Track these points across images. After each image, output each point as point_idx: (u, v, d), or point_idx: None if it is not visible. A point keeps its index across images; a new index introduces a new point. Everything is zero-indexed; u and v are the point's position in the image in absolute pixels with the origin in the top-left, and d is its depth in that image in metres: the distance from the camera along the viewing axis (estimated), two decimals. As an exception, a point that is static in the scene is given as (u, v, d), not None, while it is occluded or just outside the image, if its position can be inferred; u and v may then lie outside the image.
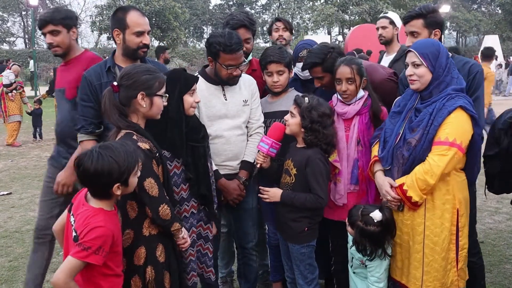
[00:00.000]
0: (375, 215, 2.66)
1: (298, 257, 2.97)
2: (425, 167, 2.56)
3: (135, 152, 2.18)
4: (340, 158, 3.02)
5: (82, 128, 3.02)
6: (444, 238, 2.64)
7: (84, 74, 3.04)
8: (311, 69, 3.22)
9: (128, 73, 2.41)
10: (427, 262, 2.66)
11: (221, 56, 2.97)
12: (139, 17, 2.98)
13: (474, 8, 53.45)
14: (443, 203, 2.64)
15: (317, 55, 3.16)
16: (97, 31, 34.96)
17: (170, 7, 32.50)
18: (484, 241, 4.67)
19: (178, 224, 2.45)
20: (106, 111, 2.37)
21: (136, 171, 2.17)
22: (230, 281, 3.90)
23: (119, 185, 2.12)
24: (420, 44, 2.72)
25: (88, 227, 2.05)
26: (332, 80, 3.08)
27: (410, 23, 3.08)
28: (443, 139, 2.54)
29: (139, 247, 2.36)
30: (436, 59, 2.62)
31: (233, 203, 3.14)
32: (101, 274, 2.12)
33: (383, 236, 2.70)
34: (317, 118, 2.83)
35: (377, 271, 2.78)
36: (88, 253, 2.02)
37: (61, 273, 2.02)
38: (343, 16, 34.20)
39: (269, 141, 2.94)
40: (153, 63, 3.22)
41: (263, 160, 2.98)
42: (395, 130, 2.76)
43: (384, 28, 4.78)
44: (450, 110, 2.55)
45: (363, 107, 2.99)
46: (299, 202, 2.86)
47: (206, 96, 3.06)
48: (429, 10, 3.03)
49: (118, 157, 2.08)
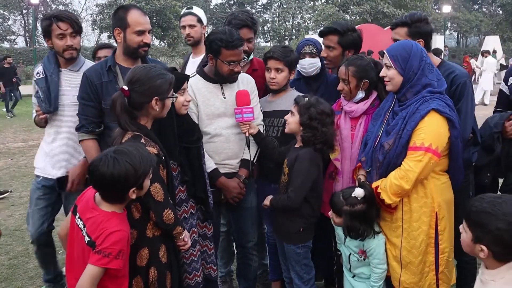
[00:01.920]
0: (358, 192, 2.66)
1: (294, 258, 2.98)
2: (401, 172, 2.57)
3: (149, 156, 2.20)
4: (343, 157, 3.03)
5: (82, 127, 3.04)
6: (421, 241, 2.64)
7: (85, 73, 3.06)
8: (328, 35, 3.30)
9: (141, 79, 2.37)
10: (404, 264, 2.69)
11: (223, 52, 2.97)
12: (140, 16, 2.98)
13: (475, 8, 53.40)
14: (420, 206, 2.64)
15: (341, 26, 3.28)
16: (98, 30, 34.93)
17: (171, 6, 32.48)
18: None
19: (180, 228, 2.47)
20: (117, 115, 2.35)
21: (150, 174, 2.18)
22: (230, 280, 3.91)
23: (135, 189, 2.12)
24: (393, 46, 2.73)
25: (105, 232, 2.05)
26: (339, 57, 3.20)
27: (395, 30, 3.10)
28: (419, 144, 2.53)
29: (142, 248, 2.37)
30: (407, 61, 2.61)
31: (233, 202, 3.14)
32: (110, 276, 2.12)
33: (370, 211, 2.70)
34: (316, 115, 2.83)
35: (377, 251, 2.75)
36: (109, 259, 2.03)
37: (84, 282, 2.03)
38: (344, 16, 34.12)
39: (238, 109, 3.02)
40: (154, 62, 3.22)
41: (246, 128, 3.04)
42: (374, 132, 2.77)
43: (192, 27, 4.01)
44: (423, 114, 2.53)
45: (370, 107, 2.99)
46: (277, 204, 2.93)
47: (204, 95, 3.07)
48: (414, 19, 3.01)
49: (134, 161, 2.08)
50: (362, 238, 2.73)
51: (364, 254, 2.82)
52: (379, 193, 2.63)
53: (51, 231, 3.57)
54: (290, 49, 3.31)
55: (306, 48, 3.37)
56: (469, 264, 3.14)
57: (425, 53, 2.68)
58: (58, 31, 3.17)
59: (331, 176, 3.12)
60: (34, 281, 4.05)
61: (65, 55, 3.23)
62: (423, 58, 2.63)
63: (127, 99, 2.35)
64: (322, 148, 2.87)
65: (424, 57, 2.64)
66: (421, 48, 2.67)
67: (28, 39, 38.65)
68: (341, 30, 3.27)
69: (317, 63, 3.35)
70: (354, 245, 2.83)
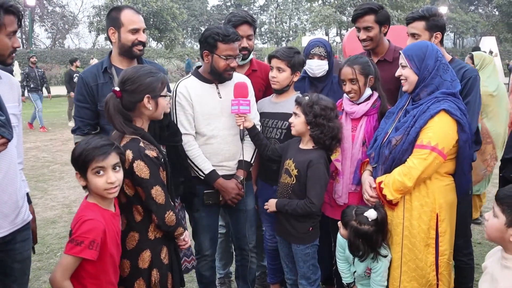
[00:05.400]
0: (370, 214, 2.67)
1: (302, 258, 2.97)
2: (404, 169, 2.58)
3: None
4: (344, 157, 3.02)
5: (78, 130, 3.02)
6: (420, 240, 2.65)
7: (80, 75, 3.07)
8: (364, 16, 3.32)
9: (131, 77, 2.36)
10: (405, 262, 2.68)
11: (219, 46, 2.96)
12: (133, 14, 2.98)
13: (471, 9, 53.65)
14: (422, 205, 2.64)
15: (374, 4, 3.31)
16: (94, 32, 34.93)
17: (168, 8, 32.53)
18: (482, 242, 4.67)
19: (181, 229, 2.47)
20: (110, 117, 2.33)
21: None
22: (228, 282, 3.89)
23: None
24: (408, 46, 2.76)
25: (80, 221, 2.05)
26: (378, 35, 3.32)
27: (411, 24, 3.11)
28: (425, 142, 2.54)
29: (144, 250, 2.36)
30: (422, 61, 2.63)
31: (232, 203, 3.12)
32: (90, 276, 2.10)
33: (377, 236, 2.70)
34: (320, 111, 2.82)
35: (381, 270, 2.77)
36: (81, 248, 2.00)
37: (56, 272, 2.03)
38: (341, 17, 34.23)
39: (235, 101, 2.99)
40: (150, 63, 3.21)
41: (241, 120, 3.02)
42: (385, 129, 2.79)
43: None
44: (433, 114, 2.54)
45: (371, 108, 2.99)
46: (291, 208, 2.88)
47: (200, 95, 3.05)
48: (432, 13, 3.06)
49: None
50: (361, 258, 2.74)
51: (368, 273, 2.85)
52: (382, 188, 2.64)
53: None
54: (295, 50, 3.28)
55: (316, 49, 3.35)
56: (468, 265, 3.14)
57: (440, 54, 2.69)
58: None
59: (331, 176, 3.11)
60: (32, 283, 4.03)
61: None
62: (438, 58, 2.64)
63: (120, 101, 2.34)
64: (331, 144, 2.87)
65: (440, 57, 2.65)
66: (436, 49, 2.69)
67: (25, 41, 38.58)
68: (376, 8, 3.33)
69: (324, 66, 3.34)
70: (361, 269, 2.85)
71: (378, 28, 3.34)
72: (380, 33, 3.37)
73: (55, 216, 5.76)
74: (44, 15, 44.92)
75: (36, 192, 6.63)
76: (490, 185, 5.19)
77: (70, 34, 49.22)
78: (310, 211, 2.85)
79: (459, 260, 3.08)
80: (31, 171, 8.18)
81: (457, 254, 2.93)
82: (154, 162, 2.31)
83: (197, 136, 3.06)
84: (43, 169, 8.26)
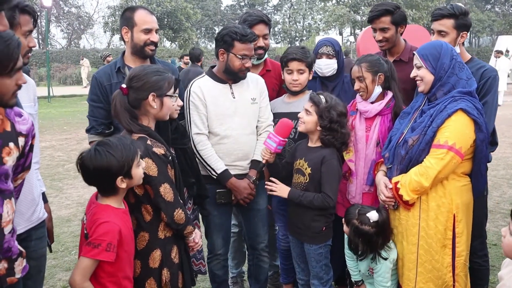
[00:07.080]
0: (372, 215, 2.68)
1: (315, 258, 2.96)
2: (421, 169, 2.55)
3: (132, 143, 2.21)
4: (357, 158, 3.01)
5: (92, 129, 3.05)
6: (436, 241, 2.62)
7: (94, 75, 3.09)
8: (380, 17, 3.29)
9: (138, 75, 2.38)
10: (421, 263, 2.66)
11: (236, 45, 2.96)
12: (146, 14, 3.00)
13: (487, 8, 52.92)
14: (438, 206, 2.62)
15: (390, 5, 3.28)
16: (109, 32, 35.19)
17: (182, 8, 32.60)
18: (497, 243, 4.61)
19: (191, 227, 2.47)
20: (117, 114, 2.37)
21: (138, 162, 2.19)
22: (241, 281, 3.90)
23: (122, 178, 2.14)
24: (422, 46, 2.72)
25: (96, 223, 2.08)
26: (395, 35, 3.29)
27: (440, 21, 3.02)
28: (442, 142, 2.51)
29: (155, 249, 2.37)
30: (437, 60, 2.60)
31: (244, 203, 3.13)
32: (109, 275, 2.12)
33: (377, 238, 2.70)
34: (336, 118, 2.82)
35: (382, 270, 2.78)
36: (99, 250, 2.04)
37: (76, 274, 2.05)
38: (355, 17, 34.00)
39: (276, 139, 2.92)
40: (162, 63, 3.22)
41: (270, 157, 2.98)
42: (400, 130, 2.76)
43: None
44: (450, 113, 2.51)
45: (385, 107, 2.97)
46: (306, 200, 2.84)
47: (213, 95, 3.06)
48: (462, 11, 2.98)
49: (116, 151, 2.12)
50: (360, 257, 2.78)
51: (372, 271, 2.87)
52: (398, 189, 2.62)
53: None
54: (307, 49, 3.30)
55: (324, 48, 3.35)
56: (483, 267, 3.10)
57: (455, 52, 2.66)
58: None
59: (345, 177, 3.10)
60: (47, 281, 4.07)
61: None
62: (453, 56, 2.62)
63: (126, 98, 2.36)
64: (340, 148, 2.90)
65: (455, 56, 2.63)
66: (451, 47, 2.66)
67: (41, 41, 39.02)
68: (392, 9, 3.29)
69: (333, 65, 3.33)
70: (363, 268, 2.89)
71: (394, 29, 3.30)
72: (396, 33, 3.33)
73: (69, 214, 5.82)
74: (60, 15, 45.46)
75: (51, 190, 6.70)
76: (507, 186, 5.13)
77: (85, 34, 49.74)
78: (328, 205, 2.85)
79: (474, 261, 3.03)
80: (46, 170, 8.27)
81: (472, 256, 2.89)
82: (162, 159, 2.32)
83: (210, 136, 3.07)
84: (58, 168, 8.34)
